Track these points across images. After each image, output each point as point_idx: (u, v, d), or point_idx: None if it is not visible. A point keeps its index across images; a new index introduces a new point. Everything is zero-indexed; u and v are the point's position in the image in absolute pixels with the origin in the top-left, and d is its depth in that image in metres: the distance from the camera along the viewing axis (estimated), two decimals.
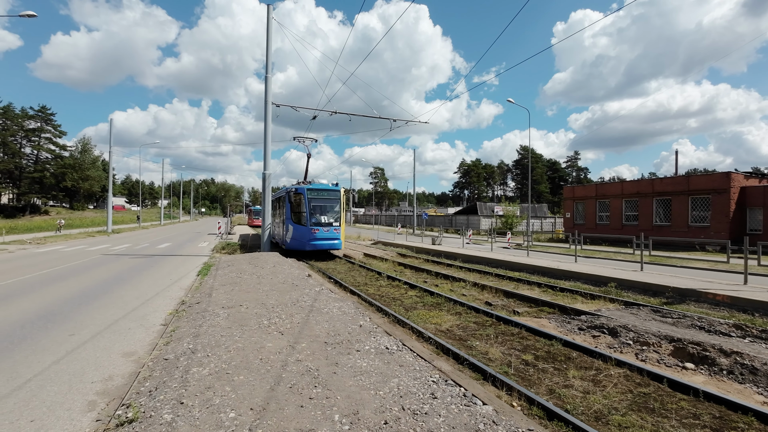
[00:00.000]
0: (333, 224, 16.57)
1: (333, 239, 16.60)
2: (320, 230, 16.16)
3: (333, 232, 16.54)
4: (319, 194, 16.74)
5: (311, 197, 16.38)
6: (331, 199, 16.99)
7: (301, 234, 16.15)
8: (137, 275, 11.26)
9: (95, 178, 65.16)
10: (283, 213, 17.81)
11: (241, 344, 4.89)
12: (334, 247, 16.91)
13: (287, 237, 17.00)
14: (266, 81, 16.75)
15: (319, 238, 16.16)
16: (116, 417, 3.27)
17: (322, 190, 17.02)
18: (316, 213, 16.39)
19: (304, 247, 16.16)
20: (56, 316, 6.72)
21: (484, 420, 3.14)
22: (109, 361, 4.77)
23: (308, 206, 16.11)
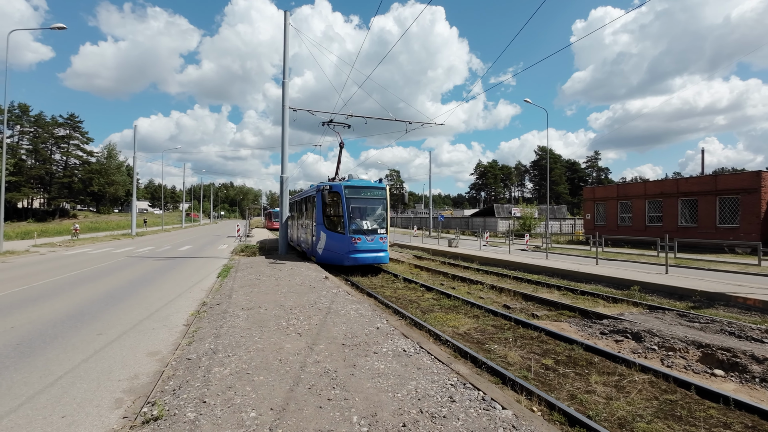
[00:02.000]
0: (378, 231, 13.06)
1: (378, 251, 13.04)
2: (362, 239, 12.69)
3: (378, 241, 12.96)
4: (359, 193, 13.29)
5: (350, 196, 12.98)
6: (374, 200, 13.50)
7: (338, 244, 12.86)
8: (160, 277, 11.57)
9: (120, 182, 67.47)
10: (312, 216, 14.64)
11: (260, 345, 4.97)
12: (380, 261, 13.35)
13: (318, 247, 13.79)
14: (283, 86, 17.01)
15: (361, 249, 12.75)
16: (142, 414, 3.37)
17: (364, 187, 13.49)
18: (356, 217, 13.07)
19: (342, 261, 12.82)
20: (85, 316, 6.98)
21: (503, 425, 3.10)
22: (135, 360, 4.92)
23: (347, 208, 12.76)
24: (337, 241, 12.97)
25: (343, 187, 13.05)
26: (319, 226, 13.74)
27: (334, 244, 13.08)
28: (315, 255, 14.25)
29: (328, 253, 13.38)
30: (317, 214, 13.84)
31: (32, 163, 61.72)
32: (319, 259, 13.87)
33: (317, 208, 13.82)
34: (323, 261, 13.67)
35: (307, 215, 16.05)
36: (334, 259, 13.22)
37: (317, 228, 13.85)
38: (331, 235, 13.21)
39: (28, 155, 61.54)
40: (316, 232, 13.95)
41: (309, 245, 15.48)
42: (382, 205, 13.68)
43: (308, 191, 16.52)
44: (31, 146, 61.86)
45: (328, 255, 13.40)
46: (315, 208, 14.10)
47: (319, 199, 13.73)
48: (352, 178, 14.47)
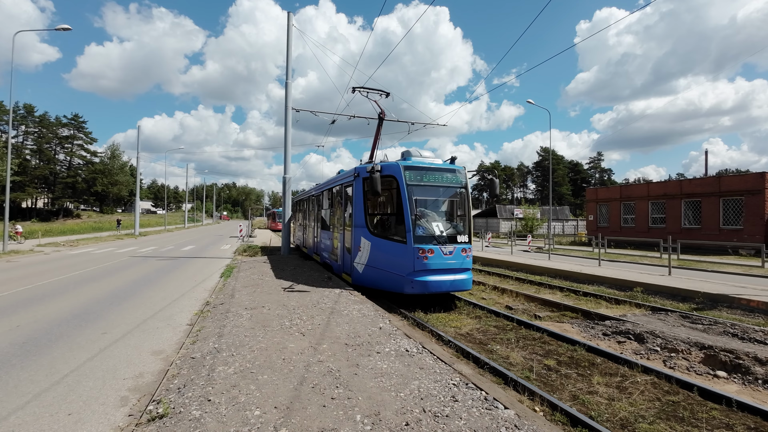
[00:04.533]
0: (458, 239, 8.39)
1: (459, 270, 8.30)
2: (436, 252, 8.01)
3: (460, 255, 8.27)
4: (428, 178, 8.63)
5: (414, 183, 8.39)
6: (450, 188, 8.95)
7: (394, 259, 8.27)
8: (164, 277, 11.63)
9: (123, 182, 67.80)
10: (344, 215, 10.32)
11: (264, 344, 5.00)
12: (461, 287, 8.43)
13: (357, 261, 9.19)
14: (286, 87, 17.07)
15: (434, 269, 8.02)
16: (147, 412, 3.41)
17: (434, 169, 8.78)
18: (425, 216, 8.45)
19: (400, 286, 8.11)
20: (90, 315, 7.03)
21: (506, 424, 3.12)
22: (140, 359, 4.96)
23: (409, 202, 8.15)
24: (391, 254, 8.28)
25: (401, 168, 8.33)
26: (358, 230, 9.10)
27: (386, 259, 8.41)
28: (351, 273, 9.48)
29: (374, 272, 8.65)
30: (355, 211, 9.26)
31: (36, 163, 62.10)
32: (359, 279, 9.12)
33: (355, 203, 9.28)
34: (365, 283, 8.91)
35: (334, 214, 11.63)
36: (384, 282, 8.47)
37: (356, 233, 9.19)
38: (380, 245, 8.57)
39: (33, 155, 61.94)
40: (354, 239, 9.31)
41: (337, 257, 10.78)
42: (461, 196, 8.98)
43: (336, 179, 11.61)
44: (35, 146, 62.27)
45: (374, 275, 8.66)
46: (351, 202, 9.57)
47: (358, 188, 9.16)
48: (410, 155, 9.21)
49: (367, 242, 8.86)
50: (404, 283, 8.05)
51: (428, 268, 7.98)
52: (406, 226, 8.09)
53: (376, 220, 9.44)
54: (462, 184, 8.98)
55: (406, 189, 8.24)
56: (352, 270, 9.52)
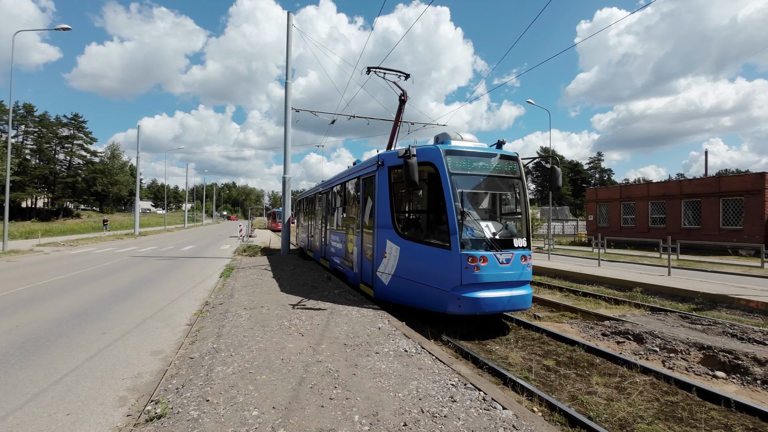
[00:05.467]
0: (515, 243, 6.68)
1: (518, 284, 6.61)
2: (490, 260, 6.30)
3: (519, 264, 6.56)
4: (476, 165, 6.90)
5: (459, 172, 6.69)
6: (502, 179, 7.16)
7: (436, 269, 6.53)
8: (163, 276, 11.63)
9: (123, 182, 67.74)
10: (364, 213, 8.48)
11: (263, 344, 5.00)
12: (520, 305, 6.62)
13: (382, 270, 7.44)
14: (286, 87, 17.08)
15: (488, 281, 6.30)
16: (146, 412, 3.41)
17: (483, 155, 7.00)
18: (473, 213, 6.78)
19: (444, 304, 6.35)
20: (89, 315, 7.03)
21: (504, 425, 3.12)
22: (138, 359, 4.96)
23: (452, 195, 6.40)
24: (429, 263, 6.58)
25: (442, 152, 6.59)
26: (383, 231, 7.39)
27: (421, 269, 6.70)
28: (372, 284, 7.77)
29: (404, 285, 6.95)
30: (379, 208, 7.52)
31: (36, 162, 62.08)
32: (383, 292, 7.43)
33: (378, 199, 7.56)
34: (392, 297, 7.28)
35: (349, 213, 9.92)
36: (418, 298, 6.77)
37: (380, 236, 7.48)
38: (412, 251, 6.85)
39: (33, 155, 61.91)
40: (376, 242, 7.57)
41: (352, 264, 9.14)
42: (517, 189, 7.25)
43: (351, 171, 9.72)
44: (35, 146, 62.24)
45: (404, 288, 6.97)
46: (373, 198, 7.82)
47: (383, 180, 7.48)
48: (447, 138, 7.21)
49: (394, 247, 7.07)
50: (448, 301, 6.16)
51: (480, 282, 6.14)
52: (449, 226, 6.23)
53: (407, 220, 8.17)
54: (517, 174, 7.10)
55: (449, 179, 6.37)
56: (374, 281, 7.68)
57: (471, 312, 6.22)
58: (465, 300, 6.13)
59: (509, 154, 7.20)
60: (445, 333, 6.47)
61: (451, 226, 6.27)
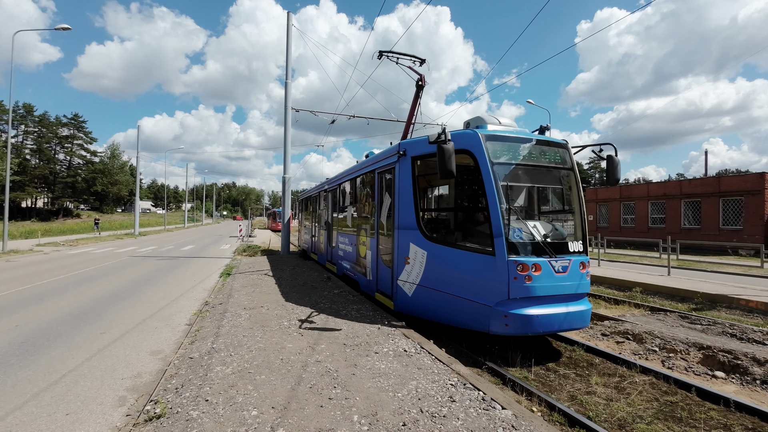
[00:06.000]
0: (569, 245, 5.48)
1: (576, 297, 5.45)
2: (545, 268, 5.13)
3: (578, 272, 5.39)
4: (522, 155, 5.72)
5: (502, 161, 5.56)
6: (554, 171, 5.99)
7: (476, 279, 5.39)
8: (163, 276, 11.63)
9: (123, 182, 67.76)
10: (376, 212, 7.50)
11: (262, 344, 5.00)
12: (577, 323, 5.40)
13: (405, 278, 6.36)
14: (286, 87, 17.08)
15: (543, 295, 5.11)
16: (145, 412, 3.41)
17: (529, 141, 5.79)
18: (520, 213, 5.83)
19: (486, 321, 5.17)
20: (88, 315, 7.03)
21: (503, 425, 3.12)
22: (138, 359, 4.96)
23: (495, 188, 5.22)
24: (466, 271, 5.53)
25: (482, 138, 5.50)
26: (406, 233, 6.30)
27: (456, 278, 5.64)
28: (392, 295, 6.66)
29: (433, 296, 5.88)
30: (400, 206, 6.45)
31: (36, 162, 62.08)
32: (406, 305, 6.35)
33: (400, 195, 6.48)
34: (417, 311, 6.21)
35: (361, 211, 8.66)
36: (452, 313, 5.69)
37: (401, 238, 6.39)
38: (444, 256, 5.79)
39: (32, 155, 61.92)
40: (397, 245, 6.48)
41: (366, 271, 8.02)
42: (570, 183, 6.11)
43: (364, 165, 8.58)
44: (35, 146, 62.24)
45: (433, 301, 5.90)
46: (392, 193, 6.73)
47: (405, 173, 6.42)
48: (483, 122, 6.13)
49: (420, 251, 5.98)
50: (491, 318, 5.07)
51: (532, 295, 5.01)
52: (493, 226, 5.10)
53: (435, 219, 7.06)
54: (568, 165, 5.95)
55: (491, 170, 5.24)
56: (394, 290, 6.57)
57: (520, 332, 5.07)
58: (514, 318, 4.99)
59: (558, 142, 6.03)
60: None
61: (494, 226, 5.12)
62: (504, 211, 5.18)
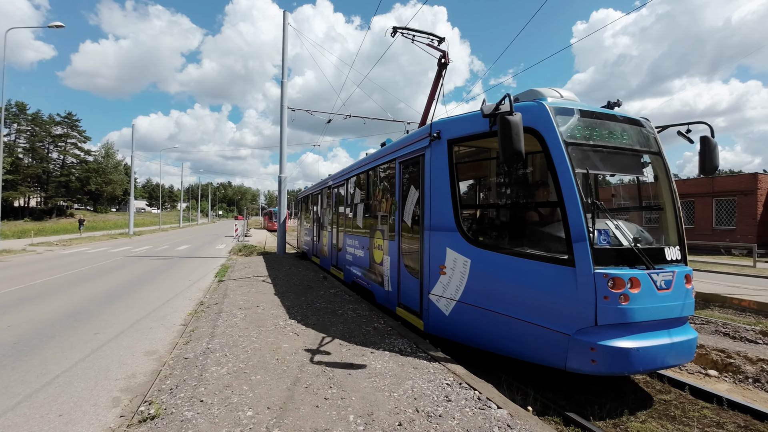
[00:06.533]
0: (666, 252, 4.21)
1: (679, 322, 4.11)
2: (644, 284, 3.80)
3: (682, 287, 4.08)
4: (600, 134, 4.33)
5: (578, 141, 4.19)
6: (640, 154, 4.61)
7: (549, 297, 4.01)
8: (158, 276, 11.56)
9: (117, 181, 67.25)
10: (398, 210, 6.36)
11: (258, 344, 4.99)
12: (684, 356, 4.10)
13: (440, 291, 5.06)
14: (282, 86, 17.03)
15: (644, 320, 3.79)
16: (139, 413, 3.39)
17: (607, 117, 4.47)
18: (606, 210, 4.12)
19: (563, 355, 3.86)
20: (82, 315, 6.97)
21: (498, 424, 3.13)
22: (132, 359, 4.92)
23: (573, 177, 3.92)
24: (532, 286, 4.19)
25: (551, 111, 4.25)
26: (440, 235, 5.16)
27: (518, 296, 4.34)
28: (421, 312, 5.51)
29: (482, 318, 4.64)
30: (434, 201, 5.29)
31: (29, 161, 61.47)
32: (440, 326, 5.20)
33: (433, 187, 5.33)
34: (459, 335, 5.01)
35: (378, 207, 7.38)
36: (510, 341, 4.42)
37: (435, 242, 5.25)
38: (499, 265, 4.52)
39: (25, 154, 61.29)
40: (429, 251, 5.34)
41: (382, 280, 6.92)
42: (659, 171, 4.83)
43: (383, 153, 7.32)
44: (28, 145, 61.62)
45: (482, 324, 4.67)
46: (422, 186, 5.58)
47: (439, 161, 5.26)
48: (541, 96, 4.67)
49: (461, 259, 4.77)
50: (570, 351, 3.82)
51: (629, 320, 3.76)
52: (572, 227, 3.86)
53: (482, 218, 5.63)
54: (655, 149, 4.71)
55: (567, 153, 4.00)
56: (424, 306, 5.36)
57: (613, 371, 3.76)
58: (605, 352, 3.67)
59: (641, 120, 4.78)
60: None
61: (574, 227, 3.83)
62: (585, 207, 3.85)
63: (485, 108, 4.30)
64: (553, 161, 4.08)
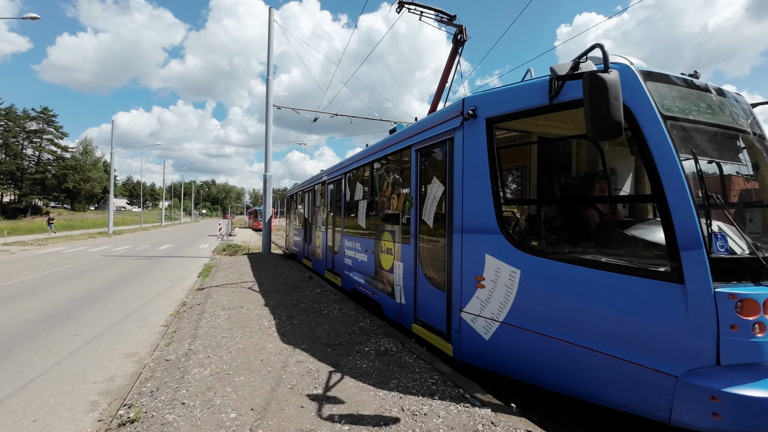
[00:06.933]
0: None
1: None
2: None
3: None
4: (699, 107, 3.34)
5: (678, 115, 3.15)
6: (742, 135, 3.59)
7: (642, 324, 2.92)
8: (139, 277, 11.30)
9: (96, 179, 65.43)
10: (420, 205, 5.18)
11: (242, 345, 4.92)
12: None
13: (476, 308, 4.03)
14: (267, 83, 16.84)
15: None
16: (118, 417, 3.31)
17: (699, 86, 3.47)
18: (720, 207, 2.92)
19: (665, 405, 2.78)
20: (59, 317, 6.76)
21: (483, 421, 3.17)
22: (111, 362, 4.80)
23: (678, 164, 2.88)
24: (619, 310, 3.05)
25: (640, 76, 3.15)
26: (478, 238, 4.07)
27: (596, 320, 3.18)
28: (452, 333, 4.41)
29: (540, 345, 3.52)
30: (467, 196, 4.21)
31: (2, 157, 59.24)
32: (479, 353, 4.10)
33: (466, 178, 4.24)
34: (506, 367, 3.90)
35: (388, 204, 6.45)
36: (583, 381, 3.27)
37: (470, 245, 4.15)
38: (567, 279, 3.35)
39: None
40: (463, 257, 4.21)
41: (396, 289, 5.88)
42: (761, 155, 3.67)
43: (397, 139, 6.12)
44: (0, 140, 59.36)
45: (540, 353, 3.54)
46: (449, 177, 4.54)
47: (475, 144, 4.17)
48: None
49: (507, 270, 3.79)
50: (680, 399, 2.78)
51: (765, 359, 2.74)
52: (677, 229, 2.86)
53: (538, 217, 4.36)
54: (759, 130, 3.84)
55: (666, 130, 3.05)
56: (453, 326, 4.38)
57: (743, 429, 2.69)
58: (736, 403, 2.64)
59: (737, 95, 3.89)
60: None
61: (682, 229, 2.84)
62: (696, 202, 2.85)
63: (558, 68, 3.23)
64: (647, 141, 3.08)
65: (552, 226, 4.18)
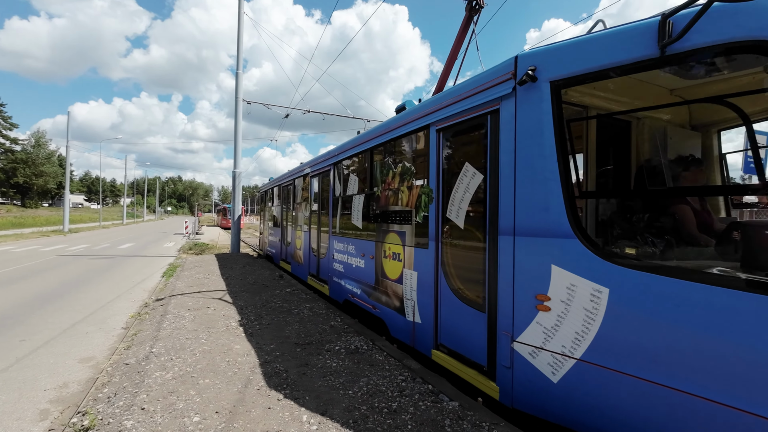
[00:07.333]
0: None
1: None
2: None
3: None
4: None
5: None
6: None
7: None
8: (97, 277, 10.72)
9: (50, 174, 61.50)
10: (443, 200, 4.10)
11: (207, 347, 4.77)
12: None
13: (540, 339, 2.93)
14: (237, 77, 16.37)
15: None
16: (71, 425, 3.13)
17: None
18: None
19: None
20: (5, 321, 6.31)
21: (450, 415, 3.22)
22: (65, 368, 4.53)
23: None
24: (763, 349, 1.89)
25: None
26: (538, 243, 2.96)
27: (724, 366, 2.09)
28: (499, 366, 3.29)
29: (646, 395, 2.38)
30: (521, 188, 3.09)
31: None
32: (541, 399, 2.96)
33: (519, 164, 3.10)
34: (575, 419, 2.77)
35: (394, 200, 5.20)
36: None
37: (526, 254, 3.05)
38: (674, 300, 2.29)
39: None
40: (516, 268, 3.11)
41: (406, 304, 4.76)
42: None
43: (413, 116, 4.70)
44: None
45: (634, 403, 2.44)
46: (492, 163, 3.40)
47: (535, 116, 2.98)
48: None
49: (587, 286, 2.68)
50: None
51: None
52: None
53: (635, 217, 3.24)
54: None
55: None
56: (503, 362, 3.27)
57: None
58: None
59: None
60: None
61: None
62: None
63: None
64: None
65: (656, 228, 3.01)
